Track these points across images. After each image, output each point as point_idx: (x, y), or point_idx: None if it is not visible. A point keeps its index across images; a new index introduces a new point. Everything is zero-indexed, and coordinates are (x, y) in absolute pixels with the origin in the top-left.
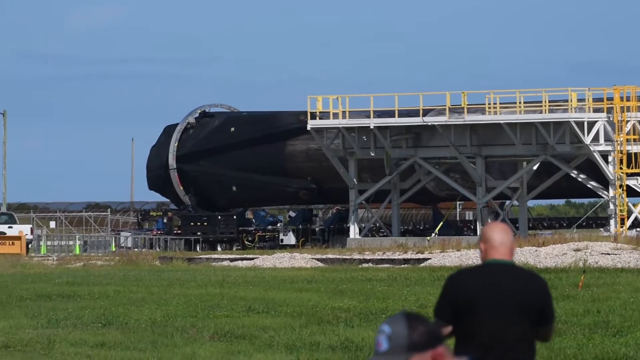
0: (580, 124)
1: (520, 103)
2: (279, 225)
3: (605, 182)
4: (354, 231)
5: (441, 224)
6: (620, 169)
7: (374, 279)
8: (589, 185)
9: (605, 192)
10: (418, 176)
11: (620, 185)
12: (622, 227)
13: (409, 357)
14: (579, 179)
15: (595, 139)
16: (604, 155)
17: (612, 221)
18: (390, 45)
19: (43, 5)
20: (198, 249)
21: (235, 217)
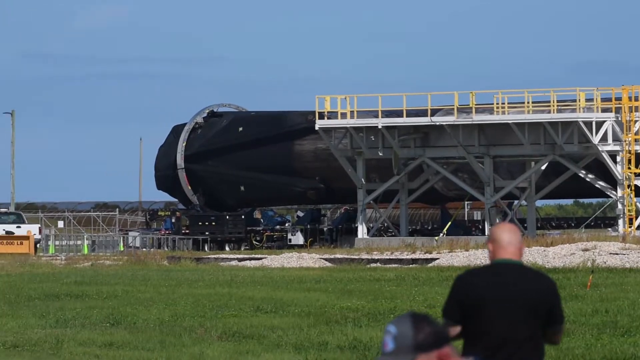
0: (589, 124)
1: (528, 103)
2: (287, 225)
3: (613, 182)
4: (362, 231)
5: (449, 223)
6: (629, 168)
7: (382, 279)
8: (597, 185)
9: (614, 192)
10: (426, 176)
11: (629, 185)
12: (631, 227)
13: (414, 358)
14: (587, 179)
15: (604, 138)
16: (612, 155)
17: (621, 221)
18: (395, 45)
19: (49, 5)
20: (206, 248)
21: (243, 217)
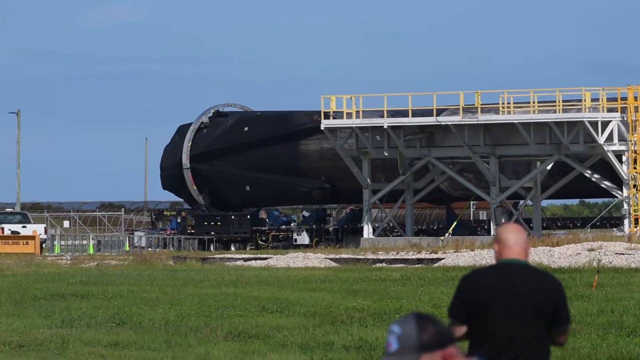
0: (594, 124)
1: (534, 103)
2: (292, 225)
3: (619, 182)
4: (367, 231)
5: (455, 223)
6: (635, 168)
7: (388, 279)
8: (602, 185)
9: (619, 192)
10: (432, 176)
11: (635, 185)
12: (636, 227)
13: (418, 358)
14: (593, 179)
15: (609, 138)
16: (618, 155)
17: (626, 221)
18: (398, 45)
19: (55, 5)
20: (212, 248)
21: (248, 217)
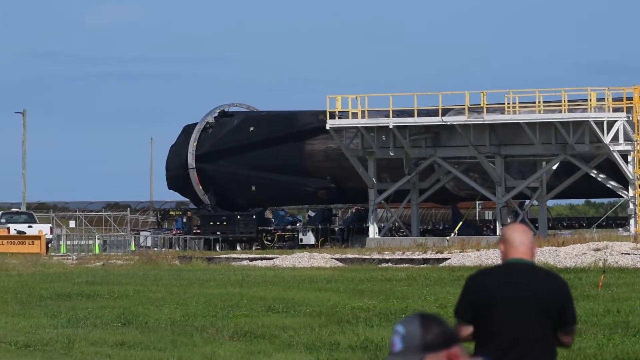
0: (600, 124)
1: (539, 102)
2: (298, 224)
3: (625, 182)
4: (373, 231)
5: (460, 223)
6: None
7: (394, 279)
8: (608, 185)
9: (625, 192)
10: (437, 176)
11: None
12: None
13: (422, 358)
14: (599, 179)
15: (615, 138)
16: (624, 155)
17: (632, 221)
18: (403, 45)
19: (60, 4)
20: (217, 248)
21: (254, 217)
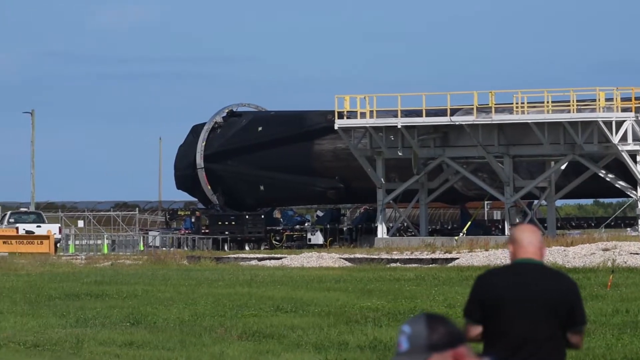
0: (608, 124)
1: (548, 102)
2: (306, 224)
3: (633, 182)
4: (381, 231)
5: (469, 223)
6: None
7: (402, 279)
8: (617, 185)
9: (634, 192)
10: (446, 176)
11: None
12: None
13: (428, 357)
14: (607, 179)
15: (624, 138)
16: (633, 155)
17: None
18: (411, 45)
19: (70, 4)
20: (226, 248)
21: (263, 217)
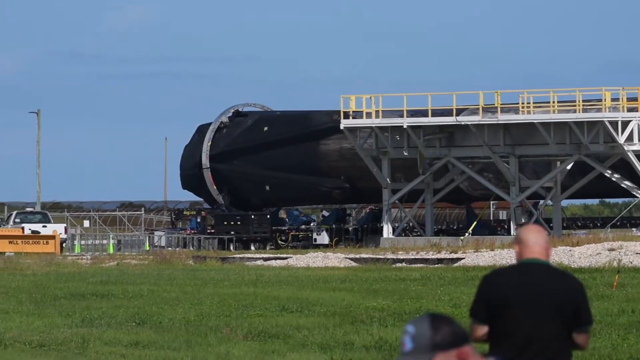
0: (614, 124)
1: (553, 102)
2: (312, 224)
3: (639, 182)
4: (387, 231)
5: (475, 223)
6: None
7: (408, 279)
8: (623, 185)
9: None
10: (451, 176)
11: None
12: None
13: (432, 357)
14: (613, 179)
15: (630, 138)
16: (638, 155)
17: None
18: (418, 45)
19: (77, 5)
20: (231, 248)
21: (268, 217)
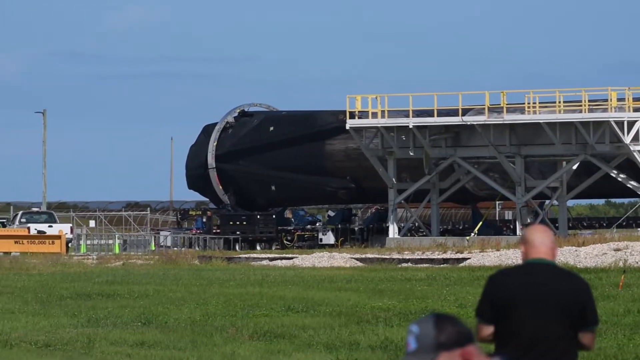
0: (620, 124)
1: (559, 102)
2: (318, 224)
3: None
4: (393, 231)
5: (480, 223)
6: None
7: (413, 279)
8: (629, 185)
9: None
10: (457, 176)
11: None
12: None
13: (436, 357)
14: (619, 179)
15: (635, 138)
16: None
17: None
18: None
19: (76, 5)
20: (237, 248)
21: (274, 217)
